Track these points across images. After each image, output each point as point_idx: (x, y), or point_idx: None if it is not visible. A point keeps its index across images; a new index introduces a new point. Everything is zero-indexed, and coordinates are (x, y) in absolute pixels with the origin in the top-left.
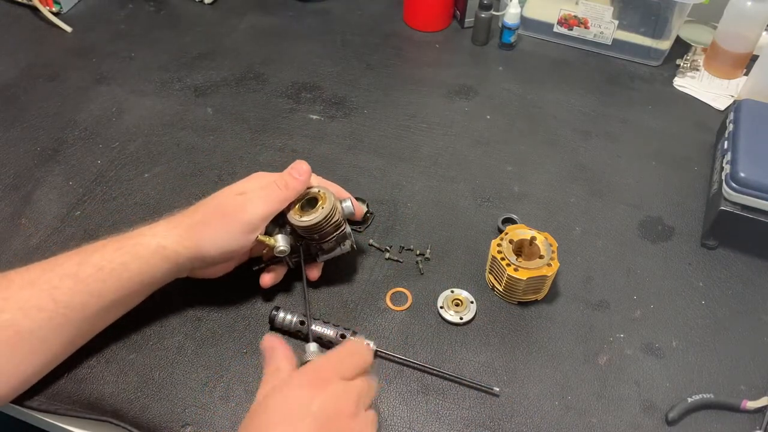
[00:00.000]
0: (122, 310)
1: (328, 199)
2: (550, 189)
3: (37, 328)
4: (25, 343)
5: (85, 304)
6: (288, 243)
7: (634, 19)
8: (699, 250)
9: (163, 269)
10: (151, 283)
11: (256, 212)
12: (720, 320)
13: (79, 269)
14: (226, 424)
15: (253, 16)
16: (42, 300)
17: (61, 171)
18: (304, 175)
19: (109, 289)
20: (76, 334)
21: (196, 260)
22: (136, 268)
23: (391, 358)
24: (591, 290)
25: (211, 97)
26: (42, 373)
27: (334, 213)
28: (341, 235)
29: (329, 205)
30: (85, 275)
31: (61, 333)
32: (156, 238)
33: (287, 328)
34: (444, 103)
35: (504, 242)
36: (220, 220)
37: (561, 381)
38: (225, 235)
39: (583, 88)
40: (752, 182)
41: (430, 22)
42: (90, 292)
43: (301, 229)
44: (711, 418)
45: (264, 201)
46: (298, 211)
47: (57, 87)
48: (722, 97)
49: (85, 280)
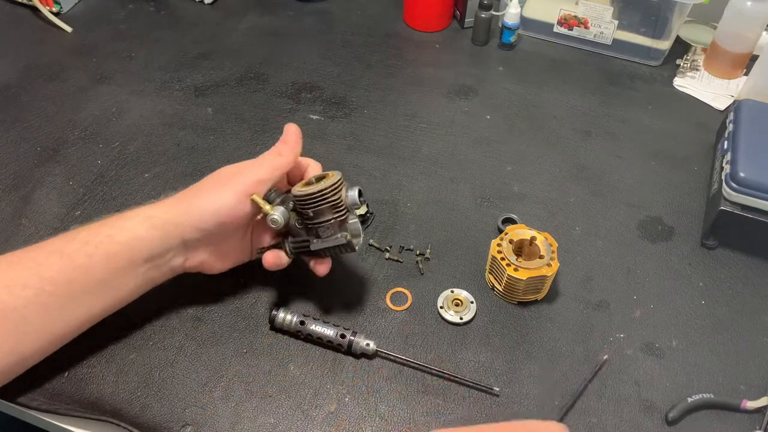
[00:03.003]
0: (113, 295)
1: (333, 176)
2: (550, 189)
3: (22, 306)
4: (8, 321)
5: (72, 280)
6: (284, 217)
7: (634, 19)
8: (699, 250)
9: (152, 240)
10: (141, 259)
11: (249, 176)
12: (720, 320)
13: (65, 245)
14: (226, 424)
15: (253, 16)
16: (27, 277)
17: (61, 171)
18: (292, 137)
19: (96, 265)
20: (64, 316)
21: (187, 227)
22: (123, 239)
23: (391, 358)
24: (591, 290)
25: (211, 97)
26: (28, 359)
27: (334, 191)
28: (339, 221)
29: (332, 181)
30: (71, 250)
31: (48, 313)
32: (144, 209)
33: (287, 329)
34: (444, 103)
35: (504, 242)
36: (213, 185)
37: (561, 381)
38: (217, 197)
39: (583, 88)
40: (752, 182)
41: (430, 22)
42: (76, 267)
43: (298, 201)
44: (711, 418)
45: (258, 166)
46: (304, 185)
47: (57, 87)
48: (722, 97)
49: (70, 255)
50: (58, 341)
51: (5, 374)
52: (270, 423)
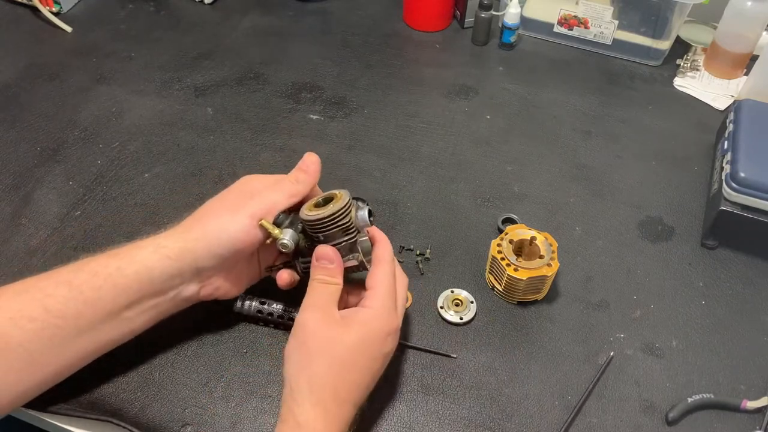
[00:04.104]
0: (122, 328)
1: (342, 198)
2: (550, 189)
3: (27, 340)
4: (13, 355)
5: (79, 313)
6: (293, 240)
7: (634, 19)
8: (699, 250)
9: (164, 270)
10: (152, 291)
11: (265, 201)
12: (720, 320)
13: (73, 276)
14: (226, 424)
15: (253, 16)
16: (33, 309)
17: (61, 171)
18: (312, 166)
19: (105, 298)
20: (70, 349)
21: (202, 254)
22: (133, 271)
23: None
24: (591, 290)
25: (211, 97)
26: (34, 390)
27: (343, 214)
28: (350, 244)
29: (340, 204)
30: (79, 282)
31: (54, 346)
32: (155, 239)
33: (247, 313)
34: (444, 103)
35: (504, 242)
36: (227, 207)
37: (561, 381)
38: (232, 222)
39: (583, 88)
40: (752, 182)
41: (430, 22)
42: (85, 301)
43: (308, 226)
44: (711, 418)
45: (275, 191)
46: (311, 207)
47: (57, 87)
48: (722, 97)
49: (79, 287)
50: (65, 372)
51: (11, 405)
52: (270, 423)
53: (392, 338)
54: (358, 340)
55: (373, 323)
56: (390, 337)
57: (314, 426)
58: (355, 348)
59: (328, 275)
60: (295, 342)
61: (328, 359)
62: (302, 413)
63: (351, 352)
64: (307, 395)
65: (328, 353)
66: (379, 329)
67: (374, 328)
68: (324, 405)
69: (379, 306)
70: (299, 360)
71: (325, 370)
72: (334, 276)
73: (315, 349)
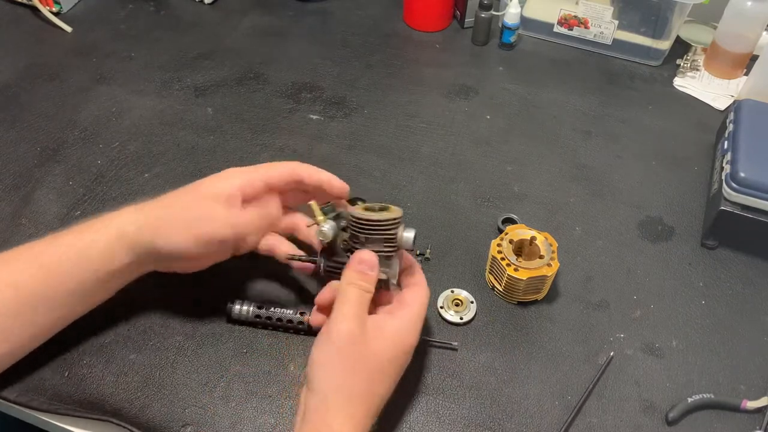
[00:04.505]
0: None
1: (396, 212)
2: (550, 189)
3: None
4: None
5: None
6: (333, 232)
7: (634, 19)
8: (699, 250)
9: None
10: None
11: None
12: (720, 320)
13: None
14: (226, 424)
15: (253, 16)
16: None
17: (61, 171)
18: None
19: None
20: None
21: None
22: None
23: None
24: (591, 290)
25: (211, 97)
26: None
27: (394, 225)
28: (387, 257)
29: (395, 215)
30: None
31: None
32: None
33: (245, 319)
34: (444, 103)
35: (504, 242)
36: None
37: (561, 381)
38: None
39: (583, 88)
40: (752, 182)
41: (430, 22)
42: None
43: (357, 225)
44: (711, 418)
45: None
46: (364, 209)
47: (57, 87)
48: (722, 97)
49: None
50: (33, 343)
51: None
52: (270, 423)
53: (411, 355)
54: (392, 355)
55: (404, 337)
56: (410, 354)
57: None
58: (388, 362)
59: (367, 281)
60: (331, 350)
61: (367, 373)
62: (338, 425)
63: (384, 366)
64: (345, 407)
65: (367, 367)
66: (408, 344)
67: (404, 342)
68: (357, 418)
69: (411, 321)
70: (336, 370)
71: (364, 385)
72: (370, 284)
73: (353, 361)
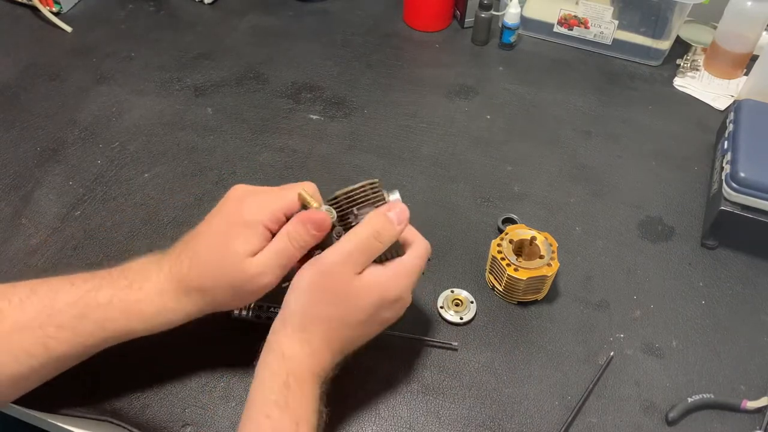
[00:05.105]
0: None
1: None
2: (550, 189)
3: (26, 373)
4: (8, 381)
5: (79, 355)
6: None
7: (634, 19)
8: (699, 250)
9: (167, 317)
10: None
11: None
12: (720, 320)
13: (78, 323)
14: (226, 424)
15: (253, 16)
16: (34, 347)
17: (61, 171)
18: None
19: (107, 339)
20: (61, 367)
21: (206, 303)
22: (140, 327)
23: None
24: (591, 290)
25: (211, 97)
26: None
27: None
28: None
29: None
30: (83, 329)
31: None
32: (156, 284)
33: (245, 318)
34: (444, 103)
35: (504, 242)
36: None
37: (561, 381)
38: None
39: (583, 88)
40: (752, 182)
41: (430, 22)
42: (83, 343)
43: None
44: (711, 418)
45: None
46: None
47: (57, 87)
48: (722, 97)
49: (81, 334)
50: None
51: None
52: None
53: (399, 306)
54: (372, 305)
55: (387, 285)
56: (397, 305)
57: (300, 360)
58: (366, 312)
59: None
60: (308, 275)
61: (335, 306)
62: (289, 345)
63: (359, 314)
64: (301, 331)
65: (337, 300)
66: (391, 293)
67: (386, 290)
68: (314, 347)
69: (397, 273)
70: (305, 294)
71: (330, 315)
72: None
73: (325, 290)
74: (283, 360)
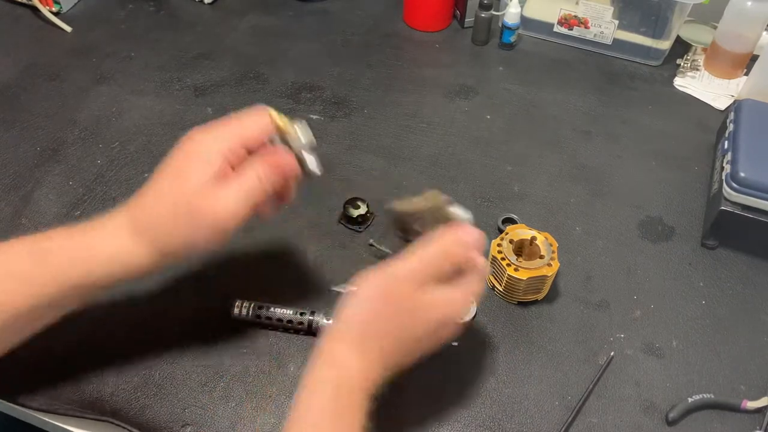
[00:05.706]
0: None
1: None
2: (550, 189)
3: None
4: None
5: (36, 312)
6: (306, 137)
7: (634, 19)
8: (699, 250)
9: (119, 276)
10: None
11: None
12: (720, 320)
13: (33, 269)
14: (226, 424)
15: (253, 16)
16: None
17: (61, 171)
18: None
19: (59, 290)
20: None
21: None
22: (100, 273)
23: None
24: (591, 290)
25: (211, 97)
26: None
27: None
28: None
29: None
30: (39, 277)
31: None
32: (111, 240)
33: (245, 318)
34: (444, 103)
35: (504, 242)
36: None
37: (561, 381)
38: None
39: (583, 88)
40: (752, 182)
41: (430, 22)
42: (40, 294)
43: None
44: (711, 418)
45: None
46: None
47: (57, 87)
48: (722, 96)
49: (36, 283)
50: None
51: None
52: (270, 423)
53: (456, 327)
54: (434, 322)
55: (457, 306)
56: (456, 325)
57: (354, 372)
58: (426, 329)
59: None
60: (381, 290)
61: (400, 327)
62: (343, 354)
63: (419, 330)
64: (358, 343)
65: (402, 322)
66: (457, 315)
67: (455, 312)
68: (369, 360)
69: (468, 294)
70: (372, 309)
71: (388, 335)
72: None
73: (393, 310)
74: (336, 369)
